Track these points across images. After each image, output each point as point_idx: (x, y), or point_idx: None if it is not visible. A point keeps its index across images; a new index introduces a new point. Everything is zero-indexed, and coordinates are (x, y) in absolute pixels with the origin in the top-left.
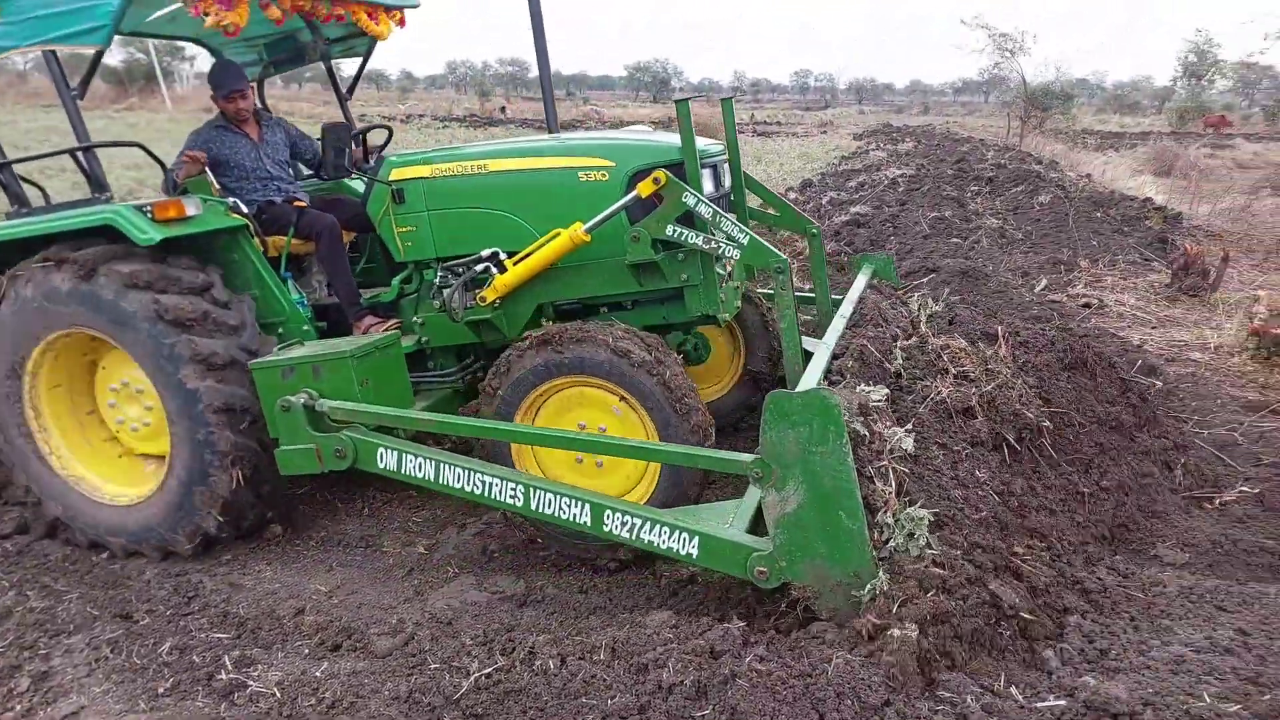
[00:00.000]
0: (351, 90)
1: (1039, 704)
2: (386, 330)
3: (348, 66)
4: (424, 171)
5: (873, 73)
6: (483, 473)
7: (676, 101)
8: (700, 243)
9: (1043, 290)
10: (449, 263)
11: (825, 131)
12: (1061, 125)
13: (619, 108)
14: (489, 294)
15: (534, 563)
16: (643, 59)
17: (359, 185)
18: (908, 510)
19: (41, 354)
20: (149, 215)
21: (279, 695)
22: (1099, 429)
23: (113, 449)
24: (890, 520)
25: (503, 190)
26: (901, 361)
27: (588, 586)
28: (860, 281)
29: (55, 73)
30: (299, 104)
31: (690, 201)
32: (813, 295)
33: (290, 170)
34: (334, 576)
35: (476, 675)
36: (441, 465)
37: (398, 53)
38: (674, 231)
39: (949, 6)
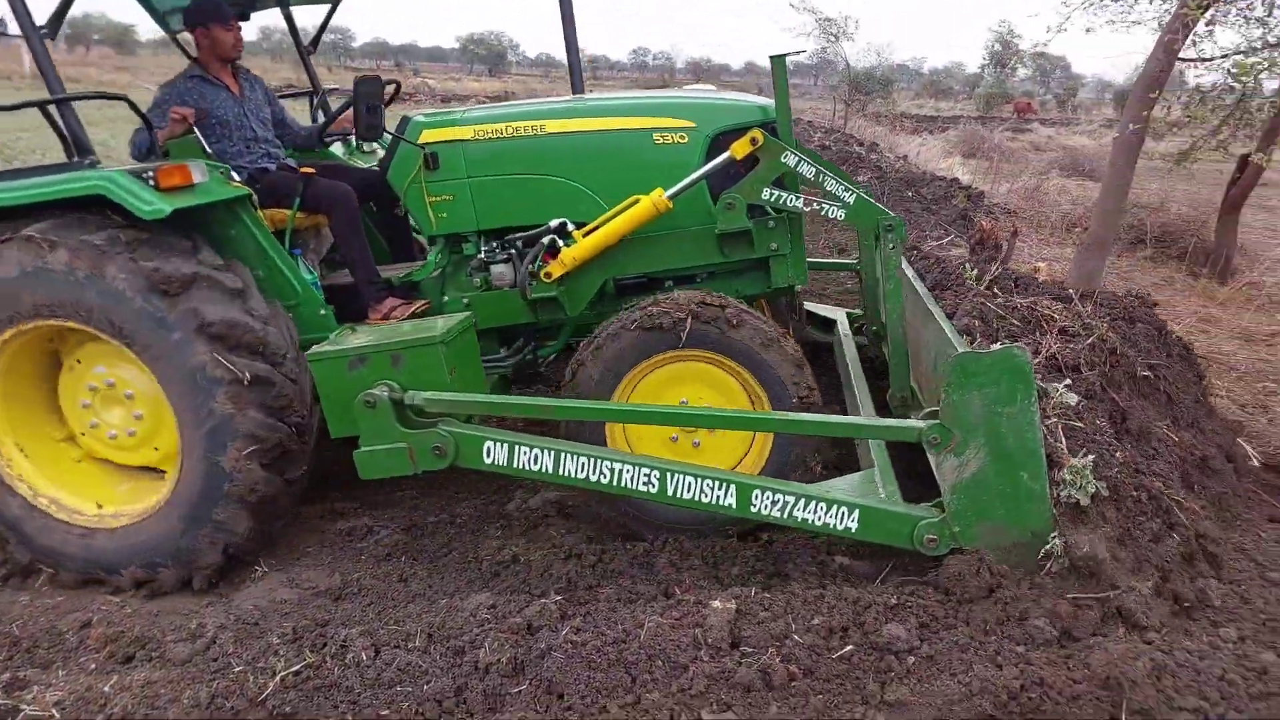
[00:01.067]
0: (316, 43)
1: None
2: (415, 312)
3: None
4: (463, 133)
5: (709, 53)
6: (610, 460)
7: (773, 57)
8: (800, 205)
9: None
10: (509, 235)
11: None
12: (882, 109)
13: (451, 81)
14: (555, 269)
15: (350, 555)
16: (477, 30)
17: (338, 152)
18: (1074, 462)
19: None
20: (151, 182)
21: (58, 716)
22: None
23: (68, 452)
24: (1067, 476)
25: (564, 154)
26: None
27: (408, 574)
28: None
29: (18, 7)
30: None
31: (791, 161)
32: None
33: (273, 132)
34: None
35: (283, 674)
36: (562, 455)
37: None
38: (771, 195)
39: None
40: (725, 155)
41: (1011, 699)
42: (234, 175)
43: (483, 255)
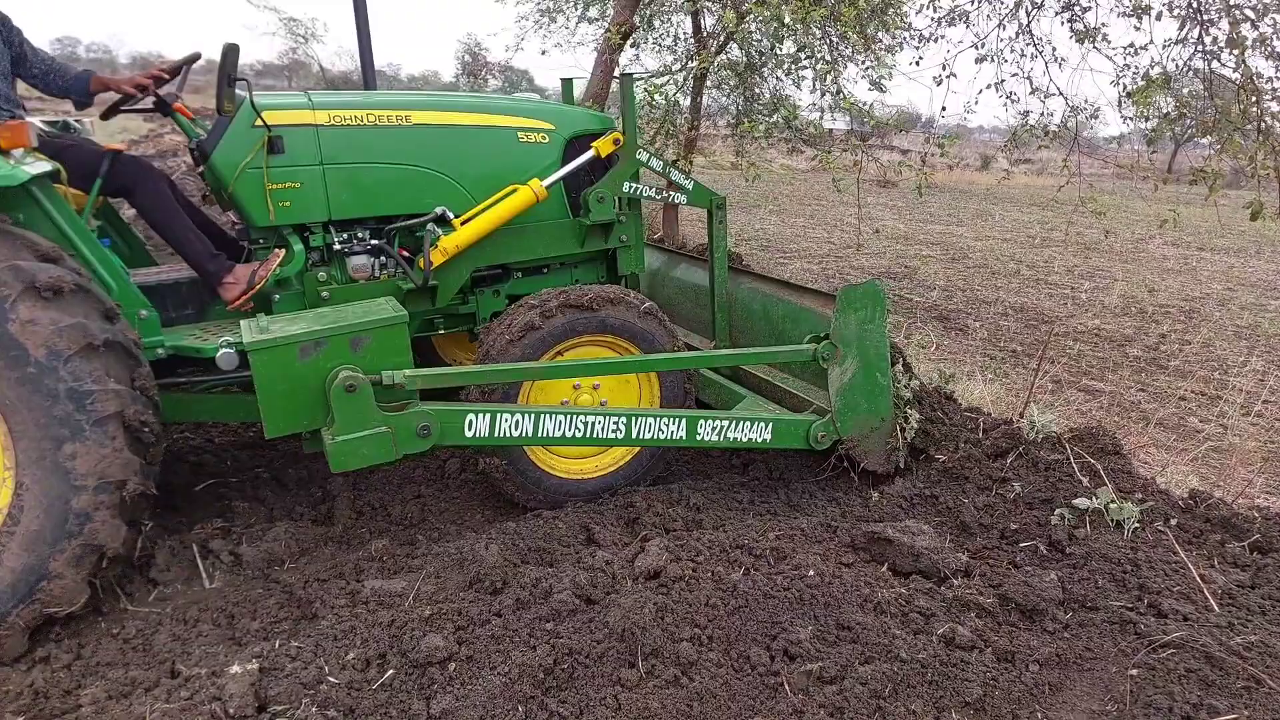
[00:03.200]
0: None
1: None
2: (279, 266)
3: None
4: (316, 117)
5: (156, 46)
6: (584, 415)
7: (622, 76)
8: (653, 193)
9: None
10: (393, 224)
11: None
12: None
13: None
14: (437, 257)
15: None
16: None
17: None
18: (896, 366)
19: None
20: None
21: None
22: None
23: None
24: (899, 370)
25: (431, 146)
26: None
27: None
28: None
29: None
30: None
31: (644, 158)
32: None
33: (9, 90)
34: None
35: None
36: (541, 417)
37: None
38: (630, 188)
39: None
40: (590, 152)
41: (548, 674)
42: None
43: (339, 247)
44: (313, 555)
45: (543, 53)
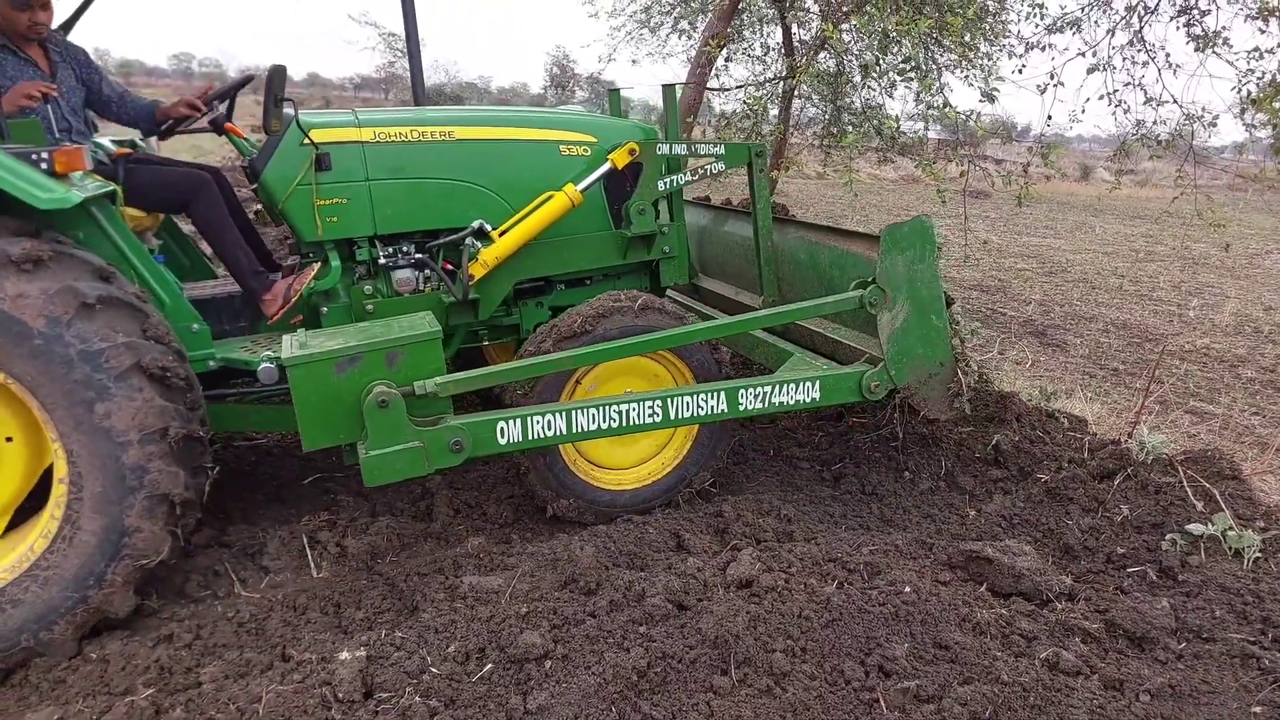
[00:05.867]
0: (69, 28)
1: None
2: (315, 277)
3: None
4: (361, 135)
5: (264, 60)
6: (616, 404)
7: (665, 86)
8: (687, 177)
9: None
10: (434, 240)
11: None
12: None
13: None
14: (477, 270)
15: None
16: None
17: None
18: (955, 306)
19: None
20: (46, 166)
21: None
22: None
23: None
24: (957, 318)
25: (474, 160)
26: None
27: None
28: None
29: None
30: None
31: (666, 150)
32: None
33: (86, 117)
34: None
35: None
36: (573, 414)
37: None
38: (664, 185)
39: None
40: (607, 164)
41: (641, 677)
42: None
43: (384, 260)
44: (412, 550)
45: (633, 63)
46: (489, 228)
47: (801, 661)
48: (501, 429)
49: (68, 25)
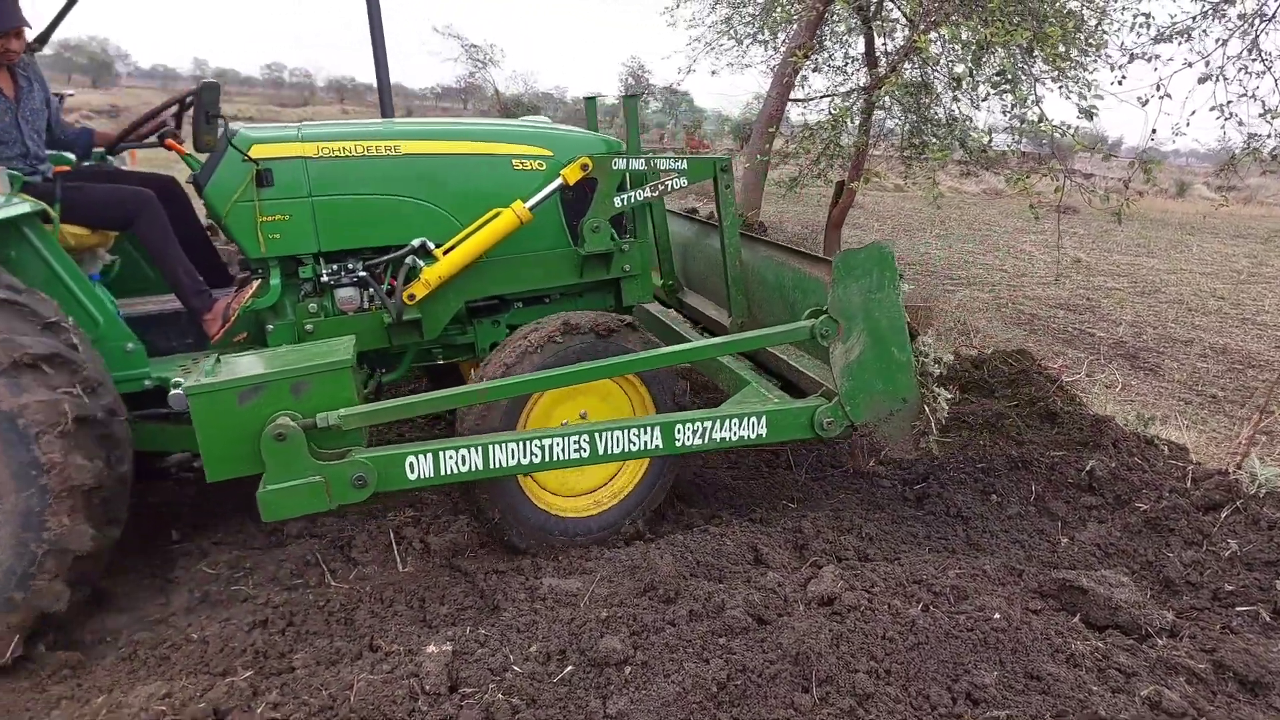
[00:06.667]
0: (45, 39)
1: None
2: (253, 295)
3: None
4: (305, 150)
5: (352, 71)
6: (538, 438)
7: (626, 97)
8: (647, 193)
9: None
10: (357, 257)
11: None
12: None
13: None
14: (419, 289)
15: None
16: (75, 36)
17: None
18: (925, 338)
19: None
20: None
21: None
22: None
23: None
24: (924, 347)
25: (422, 176)
26: None
27: (46, 679)
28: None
29: None
30: None
31: (621, 165)
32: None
33: (44, 138)
34: None
35: None
36: (490, 449)
37: None
38: (620, 201)
39: (424, 12)
40: (558, 180)
41: (720, 689)
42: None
43: (326, 279)
44: (491, 549)
45: (713, 73)
46: (432, 245)
47: (886, 683)
48: (411, 464)
49: (43, 38)
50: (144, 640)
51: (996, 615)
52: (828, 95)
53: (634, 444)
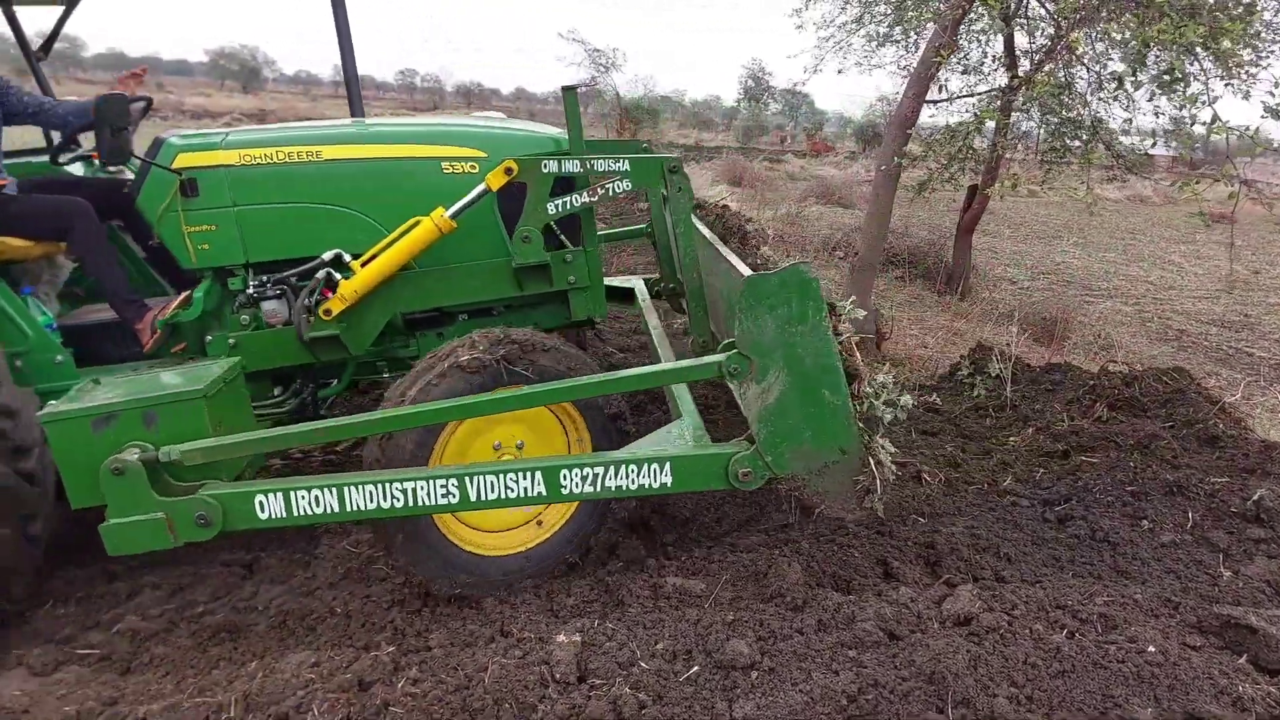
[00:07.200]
0: (47, 48)
1: None
2: (178, 307)
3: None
4: (228, 158)
5: (478, 76)
6: (400, 480)
7: (565, 88)
8: (585, 198)
9: None
10: (283, 272)
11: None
12: (651, 137)
13: (201, 96)
14: (335, 304)
15: (129, 611)
16: (226, 44)
17: (77, 170)
18: (879, 378)
19: None
20: None
21: None
22: None
23: None
24: (869, 389)
25: (345, 182)
26: None
27: (206, 640)
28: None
29: None
30: None
31: (554, 167)
32: (640, 228)
33: None
34: None
35: None
36: (346, 490)
37: None
38: (554, 208)
39: (551, 18)
40: (481, 186)
41: (850, 702)
42: None
43: (252, 291)
44: (610, 543)
45: (839, 72)
46: (348, 258)
47: (1027, 710)
48: (261, 503)
49: (46, 46)
50: (293, 611)
51: (1151, 648)
52: (966, 95)
53: (511, 491)
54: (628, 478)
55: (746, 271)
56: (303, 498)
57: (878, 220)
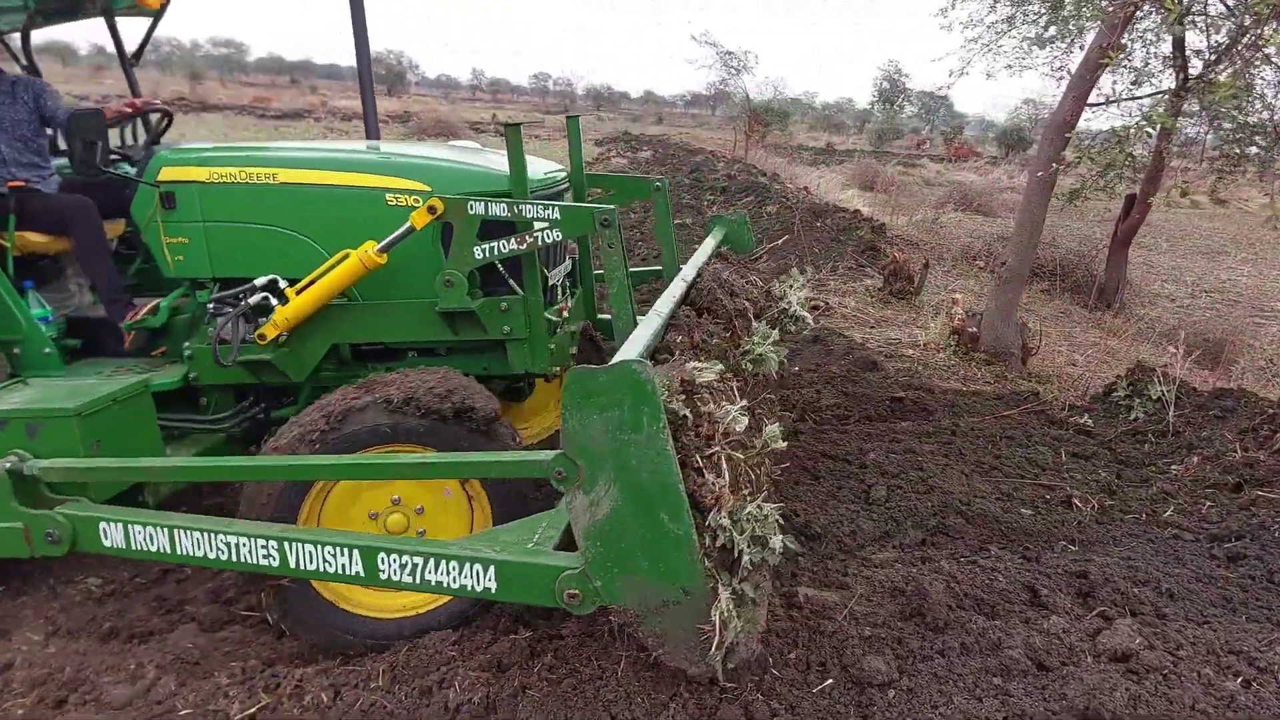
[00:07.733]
0: (139, 55)
1: None
2: (147, 312)
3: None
4: (200, 174)
5: (609, 79)
6: (226, 532)
7: (507, 125)
8: (515, 245)
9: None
10: (223, 292)
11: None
12: (780, 140)
13: (346, 99)
14: (269, 330)
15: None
16: (376, 49)
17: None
18: (748, 509)
19: None
20: None
21: None
22: None
23: None
24: (726, 521)
25: (294, 206)
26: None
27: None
28: (709, 245)
29: None
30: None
31: (480, 209)
32: (658, 269)
33: (40, 146)
34: (48, 622)
35: (239, 717)
36: (176, 532)
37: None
38: (481, 253)
39: (682, 21)
40: (406, 225)
41: None
42: None
43: (210, 306)
44: None
45: (988, 76)
46: (283, 283)
47: None
48: (104, 530)
49: (137, 54)
50: None
51: None
52: (1130, 99)
53: (328, 564)
54: (449, 574)
55: (637, 350)
56: (138, 532)
57: (1029, 229)
